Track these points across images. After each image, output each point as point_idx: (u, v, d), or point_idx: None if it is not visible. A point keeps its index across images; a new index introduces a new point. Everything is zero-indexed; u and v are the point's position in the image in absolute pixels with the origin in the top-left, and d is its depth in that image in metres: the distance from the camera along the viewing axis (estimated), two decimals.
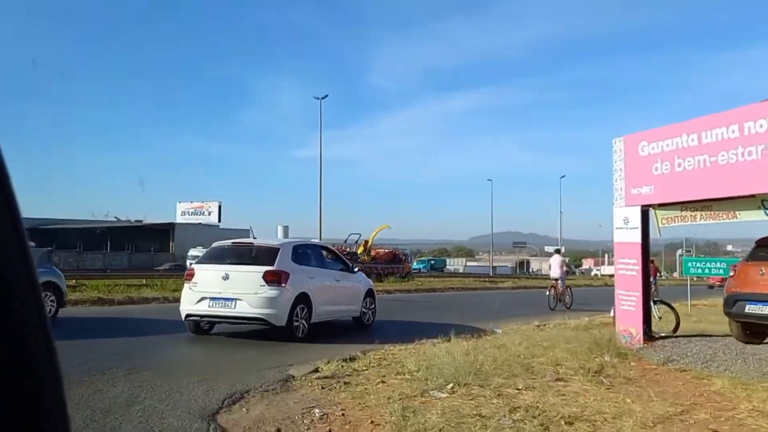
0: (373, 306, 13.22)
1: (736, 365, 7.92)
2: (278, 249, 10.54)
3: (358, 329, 12.38)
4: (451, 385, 6.26)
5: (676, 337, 10.31)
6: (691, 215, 9.28)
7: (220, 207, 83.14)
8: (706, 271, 18.03)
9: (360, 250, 38.27)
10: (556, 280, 20.48)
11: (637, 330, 9.57)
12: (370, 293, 13.14)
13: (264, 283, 9.92)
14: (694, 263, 18.28)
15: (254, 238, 11.48)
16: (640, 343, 9.43)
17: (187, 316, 10.42)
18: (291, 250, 10.76)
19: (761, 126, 7.66)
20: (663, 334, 10.54)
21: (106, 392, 6.01)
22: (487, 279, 50.79)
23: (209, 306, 10.06)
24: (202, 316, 10.38)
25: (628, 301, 9.75)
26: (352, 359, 8.02)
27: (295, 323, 10.15)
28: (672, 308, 11.32)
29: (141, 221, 77.85)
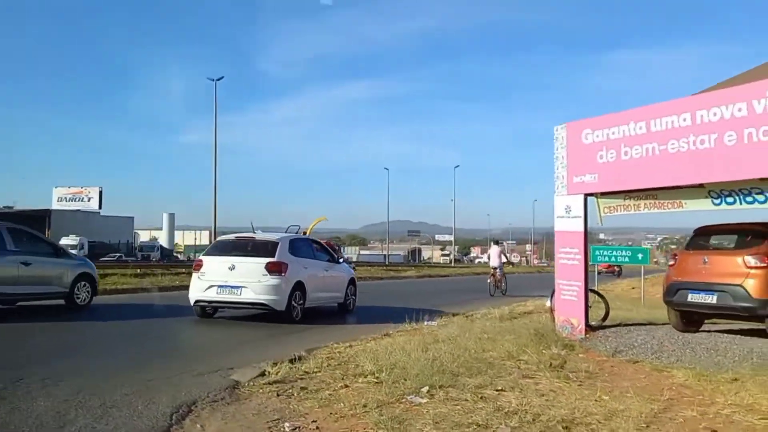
0: (354, 293, 14.74)
1: (686, 355, 7.91)
2: (278, 242, 11.82)
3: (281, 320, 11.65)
4: (426, 388, 5.72)
5: (613, 326, 10.32)
6: (635, 204, 9.23)
7: (101, 193, 78.41)
8: (613, 258, 18.54)
9: None
10: (495, 268, 22.23)
11: (578, 320, 9.44)
12: (352, 282, 14.64)
13: (266, 272, 11.25)
14: (601, 251, 18.73)
15: (254, 232, 12.83)
16: (581, 334, 9.31)
17: (196, 302, 11.81)
18: (288, 243, 12.07)
19: (715, 115, 7.63)
20: (594, 324, 10.52)
21: (26, 411, 5.01)
22: (388, 268, 50.84)
23: (217, 293, 11.39)
24: (210, 302, 11.76)
25: (569, 290, 9.61)
26: (299, 359, 7.33)
27: (293, 308, 11.58)
28: (602, 297, 11.35)
29: (11, 207, 72.19)
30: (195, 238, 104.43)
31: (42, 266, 12.00)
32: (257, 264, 11.35)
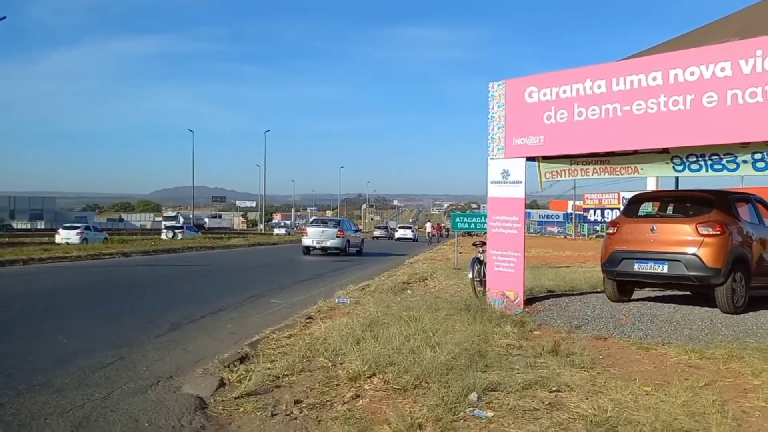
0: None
1: (651, 329, 7.48)
2: (340, 221, 29.44)
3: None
4: (474, 395, 4.51)
5: (540, 298, 9.82)
6: (582, 169, 8.67)
7: None
8: (473, 225, 18.46)
9: None
10: (430, 233, 52.96)
11: (515, 293, 8.74)
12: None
13: (336, 236, 26.14)
14: (461, 218, 18.58)
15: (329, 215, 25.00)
16: (519, 307, 8.63)
17: (305, 246, 26.50)
18: (342, 220, 30.27)
19: (692, 74, 7.16)
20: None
21: None
22: (212, 236, 48.15)
23: (314, 242, 26.17)
24: (309, 247, 26.43)
25: (505, 261, 8.86)
26: (245, 359, 5.73)
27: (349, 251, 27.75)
28: None
29: None
30: None
31: None
32: (333, 230, 26.82)
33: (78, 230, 40.04)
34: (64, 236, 38.57)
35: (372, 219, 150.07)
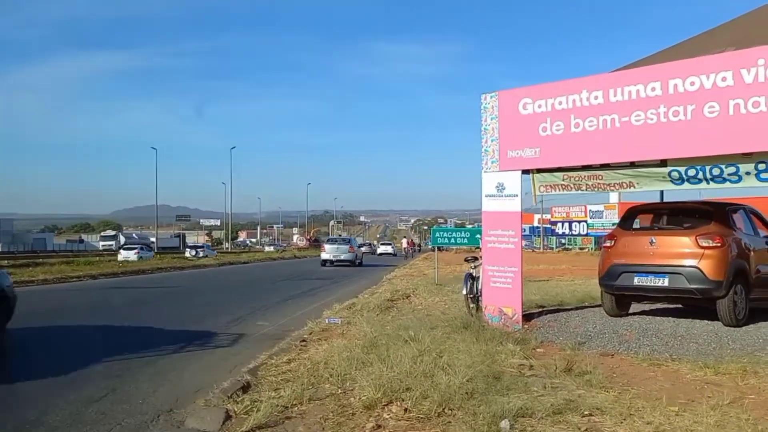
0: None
1: (657, 344, 7.31)
2: (349, 239, 38.55)
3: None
4: (506, 422, 4.23)
5: (536, 313, 9.62)
6: (576, 184, 8.50)
7: None
8: (452, 241, 18.24)
9: None
10: (406, 248, 55.79)
11: (514, 309, 8.52)
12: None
13: (349, 251, 32.53)
14: (441, 233, 18.36)
15: (340, 236, 31.63)
16: (518, 324, 8.40)
17: (323, 260, 32.17)
18: (351, 239, 40.22)
19: (692, 84, 7.07)
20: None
21: None
22: (184, 257, 47.58)
23: (332, 256, 32.16)
24: (327, 260, 32.14)
25: (502, 277, 8.63)
26: (248, 387, 5.37)
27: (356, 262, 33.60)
28: None
29: None
30: None
31: None
32: (346, 246, 33.47)
33: (135, 250, 47.28)
34: (124, 255, 45.30)
35: (340, 235, 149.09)
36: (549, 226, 67.31)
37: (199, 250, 56.31)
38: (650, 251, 8.33)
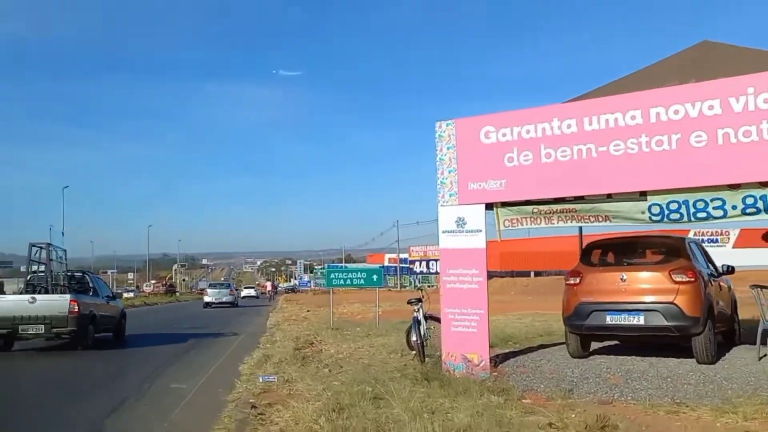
0: None
1: (649, 388, 6.83)
2: (229, 284, 45.84)
3: None
4: None
5: (494, 356, 8.89)
6: (546, 217, 7.98)
7: None
8: (348, 282, 17.33)
9: None
10: (269, 290, 59.14)
11: (479, 356, 7.76)
12: None
13: (229, 294, 38.68)
14: (336, 274, 17.41)
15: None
16: (485, 372, 7.64)
17: (206, 302, 37.36)
18: (229, 284, 47.43)
19: (676, 113, 6.80)
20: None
21: None
22: None
23: (214, 299, 37.23)
24: (210, 303, 37.13)
25: (465, 320, 7.86)
26: None
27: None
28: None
29: None
30: None
31: None
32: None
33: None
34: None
35: (184, 280, 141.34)
36: (407, 266, 68.21)
37: None
38: (622, 288, 7.96)
